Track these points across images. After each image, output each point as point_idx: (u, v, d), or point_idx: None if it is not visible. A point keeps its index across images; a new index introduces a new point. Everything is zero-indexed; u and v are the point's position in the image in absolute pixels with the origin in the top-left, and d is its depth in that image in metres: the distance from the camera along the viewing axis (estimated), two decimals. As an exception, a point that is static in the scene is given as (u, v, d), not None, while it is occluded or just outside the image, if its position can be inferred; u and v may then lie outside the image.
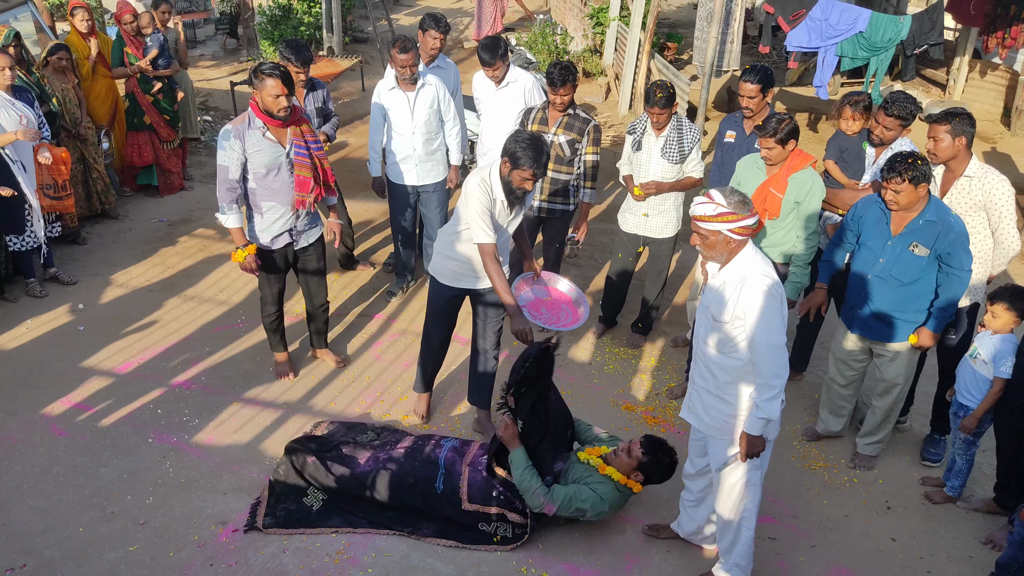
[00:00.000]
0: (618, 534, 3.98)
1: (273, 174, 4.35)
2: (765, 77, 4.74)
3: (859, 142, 4.67)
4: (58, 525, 3.84)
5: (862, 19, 8.53)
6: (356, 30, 13.66)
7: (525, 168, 3.82)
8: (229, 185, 4.32)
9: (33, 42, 7.68)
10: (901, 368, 4.21)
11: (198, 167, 8.27)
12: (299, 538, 3.82)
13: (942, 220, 3.86)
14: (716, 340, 3.24)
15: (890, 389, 4.28)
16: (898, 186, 3.79)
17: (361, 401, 4.85)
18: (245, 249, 4.40)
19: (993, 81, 10.69)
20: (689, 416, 3.53)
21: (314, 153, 4.43)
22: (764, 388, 3.14)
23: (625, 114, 10.45)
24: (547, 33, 12.33)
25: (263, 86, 4.14)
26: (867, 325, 4.19)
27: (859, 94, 4.73)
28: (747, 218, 3.09)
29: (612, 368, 5.30)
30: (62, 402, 4.68)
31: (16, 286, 5.79)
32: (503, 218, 4.10)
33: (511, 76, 5.54)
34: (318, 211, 4.71)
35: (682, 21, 14.99)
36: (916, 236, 3.91)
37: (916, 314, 4.07)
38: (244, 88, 9.81)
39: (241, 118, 4.30)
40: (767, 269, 3.16)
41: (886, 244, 4.00)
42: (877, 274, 4.06)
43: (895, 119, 4.40)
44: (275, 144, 4.31)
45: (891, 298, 4.06)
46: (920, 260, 3.93)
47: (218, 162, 4.31)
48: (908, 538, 4.05)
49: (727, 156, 5.00)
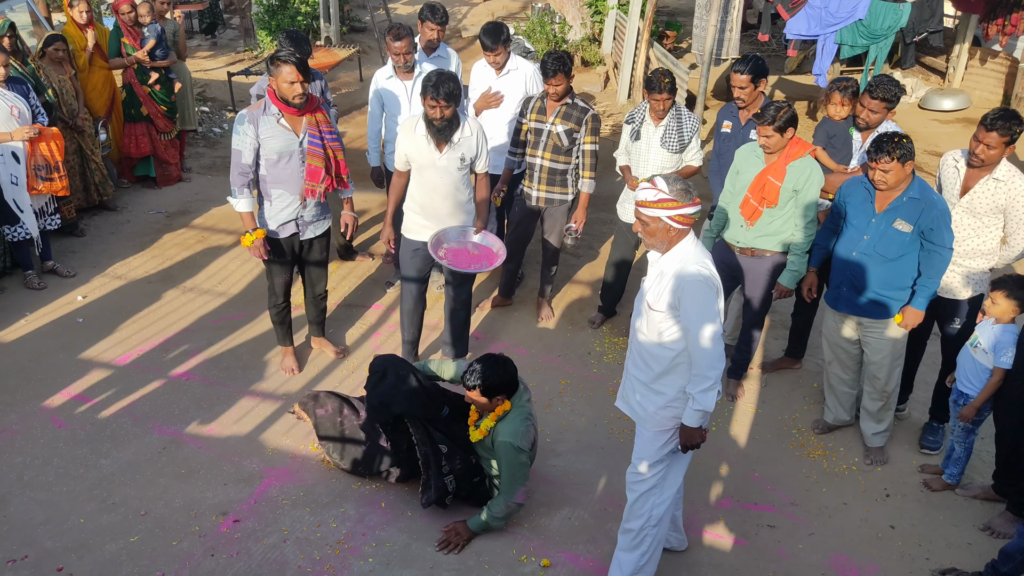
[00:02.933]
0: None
1: (284, 161, 4.36)
2: (756, 67, 4.74)
3: (846, 128, 4.68)
4: (59, 516, 3.85)
5: (861, 6, 8.49)
6: (354, 20, 13.60)
7: (427, 97, 4.22)
8: (241, 169, 4.35)
9: (29, 33, 7.66)
10: (887, 346, 4.23)
11: (196, 158, 8.25)
12: (300, 528, 3.83)
13: (925, 197, 3.91)
14: (651, 329, 3.20)
15: (880, 369, 4.29)
16: (887, 165, 3.84)
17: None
18: (254, 233, 4.43)
19: (993, 69, 10.65)
20: (623, 406, 3.48)
21: (328, 144, 4.43)
22: (699, 379, 3.10)
23: (624, 103, 10.42)
24: (545, 22, 12.28)
25: (279, 72, 4.16)
26: (852, 303, 4.23)
27: (846, 79, 4.73)
28: (688, 206, 3.05)
29: (611, 358, 5.30)
30: (62, 394, 4.68)
31: (15, 278, 5.79)
32: (428, 154, 4.41)
33: (512, 64, 5.52)
34: (327, 203, 4.71)
35: (681, 9, 14.93)
36: (900, 213, 3.95)
37: (900, 291, 4.11)
38: (241, 79, 9.78)
39: (258, 103, 4.34)
40: (705, 261, 3.13)
41: (870, 222, 4.05)
42: (862, 251, 4.10)
43: (880, 102, 4.41)
44: (289, 132, 4.32)
45: (875, 275, 4.09)
46: (904, 236, 3.97)
47: (232, 146, 4.35)
48: (907, 525, 4.07)
49: (723, 146, 5.01)
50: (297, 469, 4.22)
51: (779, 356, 5.34)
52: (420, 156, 4.45)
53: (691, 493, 4.19)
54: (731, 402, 4.92)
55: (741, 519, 4.06)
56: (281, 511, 3.95)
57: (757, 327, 4.81)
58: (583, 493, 4.17)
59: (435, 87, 4.17)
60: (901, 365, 4.37)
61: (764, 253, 4.51)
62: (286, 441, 4.42)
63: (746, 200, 4.44)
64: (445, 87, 4.17)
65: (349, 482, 4.14)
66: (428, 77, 4.21)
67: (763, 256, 4.52)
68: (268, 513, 3.93)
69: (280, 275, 4.72)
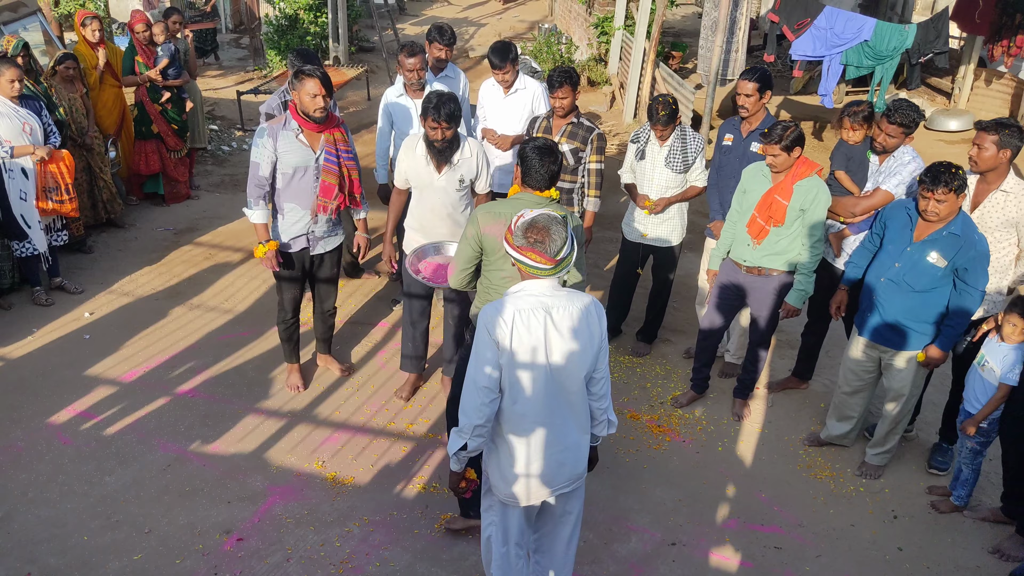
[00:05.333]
0: (623, 543, 3.96)
1: (299, 176, 4.40)
2: (763, 78, 4.74)
3: (863, 150, 4.67)
4: (63, 534, 3.84)
5: (867, 28, 8.53)
6: (362, 40, 13.72)
7: (428, 119, 4.24)
8: (258, 182, 4.40)
9: (41, 52, 7.74)
10: (908, 378, 4.19)
11: (204, 176, 8.31)
12: (303, 547, 3.82)
13: (966, 235, 3.82)
14: None
15: (897, 398, 4.26)
16: (943, 195, 3.74)
17: (366, 409, 4.85)
18: (267, 245, 4.46)
19: (998, 89, 10.67)
20: None
21: (343, 162, 4.48)
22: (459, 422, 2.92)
23: (630, 122, 10.46)
24: (552, 42, 12.36)
25: (302, 86, 4.21)
26: (876, 330, 4.18)
27: (858, 104, 4.71)
28: (516, 251, 2.82)
29: (617, 376, 5.29)
30: (68, 410, 4.69)
31: (23, 294, 5.82)
32: (425, 174, 4.44)
33: (519, 83, 5.56)
34: (340, 220, 4.74)
35: (687, 30, 15.02)
36: (937, 246, 3.89)
37: (925, 325, 4.05)
38: (250, 98, 9.86)
39: (279, 118, 4.39)
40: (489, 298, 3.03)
41: (905, 250, 4.00)
42: (891, 278, 4.05)
43: (898, 127, 4.38)
44: (306, 147, 4.37)
45: (901, 304, 4.05)
46: (936, 270, 3.90)
47: (251, 158, 4.40)
48: (915, 548, 4.03)
49: (724, 159, 5.00)
50: (301, 487, 4.21)
51: (786, 376, 5.32)
52: (419, 176, 4.48)
53: (697, 513, 4.16)
54: (737, 422, 4.90)
55: (748, 540, 4.03)
56: (285, 530, 3.93)
57: (763, 347, 4.80)
58: (589, 513, 4.13)
59: (436, 108, 4.20)
60: (918, 396, 4.34)
61: (771, 272, 4.50)
62: (291, 459, 4.41)
63: (753, 219, 4.44)
64: (446, 108, 4.20)
65: (354, 500, 4.13)
66: (429, 98, 4.23)
67: (769, 275, 4.51)
68: (272, 532, 3.92)
69: (290, 290, 4.74)
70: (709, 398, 5.10)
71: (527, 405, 2.88)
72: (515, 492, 3.00)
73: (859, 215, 4.54)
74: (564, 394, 2.91)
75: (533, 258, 2.78)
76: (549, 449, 2.94)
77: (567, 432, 2.96)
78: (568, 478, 3.03)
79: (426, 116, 4.25)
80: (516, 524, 3.13)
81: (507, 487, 3.01)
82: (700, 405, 5.04)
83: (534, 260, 2.78)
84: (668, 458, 4.57)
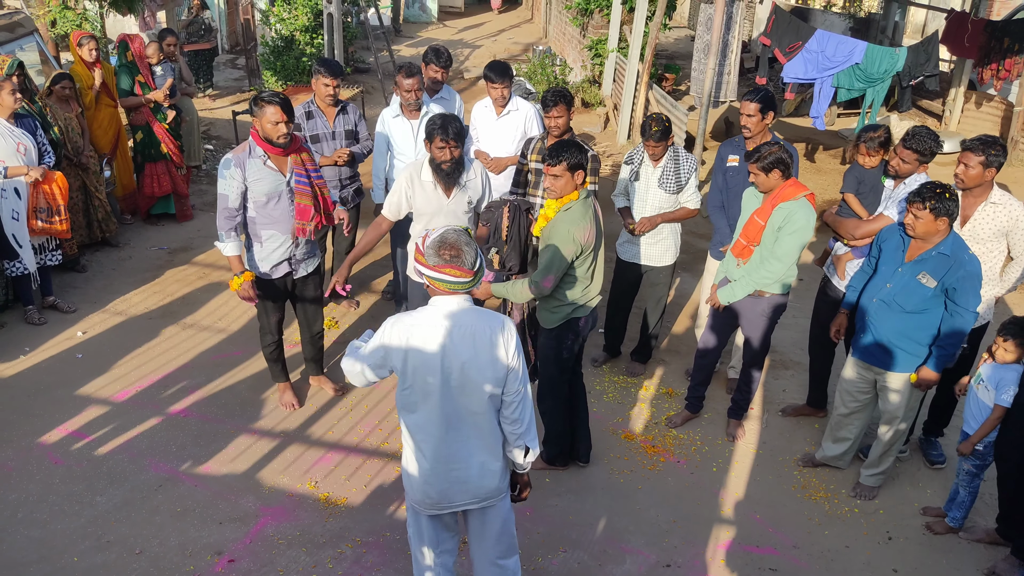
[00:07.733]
0: (617, 564, 3.94)
1: (274, 202, 4.37)
2: (766, 99, 4.75)
3: (877, 175, 4.67)
4: (53, 555, 3.80)
5: (858, 51, 8.62)
6: (358, 61, 13.79)
7: (436, 139, 4.22)
8: (228, 214, 4.34)
9: (37, 72, 7.77)
10: (901, 400, 4.20)
11: (199, 195, 8.31)
12: (295, 569, 3.78)
13: (955, 256, 3.85)
14: None
15: (891, 421, 4.26)
16: (918, 211, 3.80)
17: (359, 429, 4.83)
18: (242, 276, 4.41)
19: (988, 112, 10.79)
20: None
21: (315, 181, 4.45)
22: None
23: (623, 144, 10.53)
24: (546, 64, 12.45)
25: (263, 113, 4.17)
26: (867, 350, 4.20)
27: (875, 128, 4.67)
28: (429, 268, 2.85)
29: (611, 397, 5.28)
30: (59, 430, 4.65)
31: (15, 313, 5.80)
32: (434, 199, 4.43)
33: (512, 105, 5.59)
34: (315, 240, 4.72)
35: (680, 53, 15.16)
36: (926, 266, 3.91)
37: (916, 345, 4.06)
38: (246, 118, 9.87)
39: (242, 147, 4.32)
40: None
41: (896, 270, 4.03)
42: (882, 298, 4.07)
43: (913, 152, 4.37)
44: (276, 172, 4.33)
45: (892, 325, 4.06)
46: (926, 291, 3.93)
47: (219, 191, 4.33)
48: (910, 569, 4.01)
49: (731, 180, 4.95)
50: (294, 508, 4.18)
51: (780, 396, 5.32)
52: (428, 203, 4.43)
53: (691, 534, 4.15)
54: (732, 442, 4.89)
55: (743, 562, 4.01)
56: (277, 551, 3.90)
57: (757, 367, 4.80)
58: (583, 534, 4.12)
59: (443, 128, 4.19)
60: (912, 418, 4.35)
61: (761, 293, 4.50)
62: (283, 479, 4.39)
63: (738, 239, 4.47)
64: (453, 127, 4.21)
65: (347, 521, 4.10)
66: (433, 120, 4.23)
67: (760, 296, 4.51)
68: (264, 553, 3.88)
69: (274, 313, 4.72)
70: (704, 418, 5.10)
71: (423, 416, 2.96)
72: (417, 500, 3.10)
73: (859, 238, 4.55)
74: (465, 413, 2.95)
75: (452, 273, 2.83)
76: (446, 464, 3.00)
77: (469, 451, 3.00)
78: (473, 496, 3.07)
79: (432, 138, 4.23)
80: (427, 528, 3.21)
81: (412, 492, 3.12)
82: (695, 425, 5.03)
83: (454, 275, 2.83)
84: (663, 479, 4.56)
